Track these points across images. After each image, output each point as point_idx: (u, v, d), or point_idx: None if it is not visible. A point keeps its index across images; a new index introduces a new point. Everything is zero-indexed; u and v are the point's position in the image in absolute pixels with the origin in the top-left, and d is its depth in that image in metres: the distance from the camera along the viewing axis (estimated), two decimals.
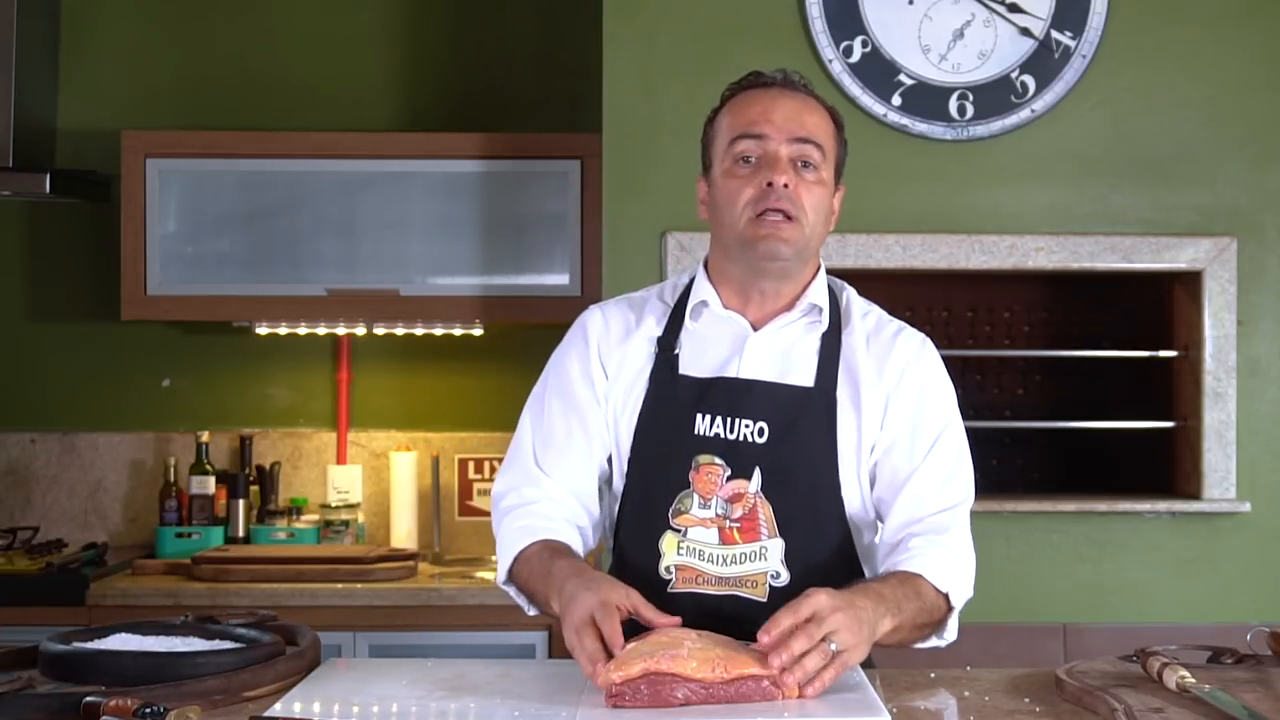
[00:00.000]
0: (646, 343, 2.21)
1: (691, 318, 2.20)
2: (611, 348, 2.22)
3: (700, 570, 2.10)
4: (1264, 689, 1.86)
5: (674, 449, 2.13)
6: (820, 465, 2.12)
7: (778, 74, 2.20)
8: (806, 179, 2.13)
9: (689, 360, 2.18)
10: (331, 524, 4.09)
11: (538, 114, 4.22)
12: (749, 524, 2.10)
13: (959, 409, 2.24)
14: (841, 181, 2.23)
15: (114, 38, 4.25)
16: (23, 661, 1.98)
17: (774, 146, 2.12)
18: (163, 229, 3.92)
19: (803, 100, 2.18)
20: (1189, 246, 3.63)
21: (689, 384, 2.16)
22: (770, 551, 2.10)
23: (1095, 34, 3.60)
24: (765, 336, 2.18)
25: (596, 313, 2.27)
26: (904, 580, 2.04)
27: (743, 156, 2.13)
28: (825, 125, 2.18)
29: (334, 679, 1.95)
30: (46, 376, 4.26)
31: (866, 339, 2.20)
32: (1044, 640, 3.62)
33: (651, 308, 2.24)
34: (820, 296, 2.20)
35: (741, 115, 2.16)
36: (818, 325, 2.19)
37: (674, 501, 2.12)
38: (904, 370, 2.18)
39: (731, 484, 2.11)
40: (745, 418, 2.12)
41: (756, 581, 2.09)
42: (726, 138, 2.16)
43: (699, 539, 2.11)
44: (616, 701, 1.75)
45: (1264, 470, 3.66)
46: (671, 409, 2.14)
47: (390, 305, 3.93)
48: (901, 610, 1.98)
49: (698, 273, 2.24)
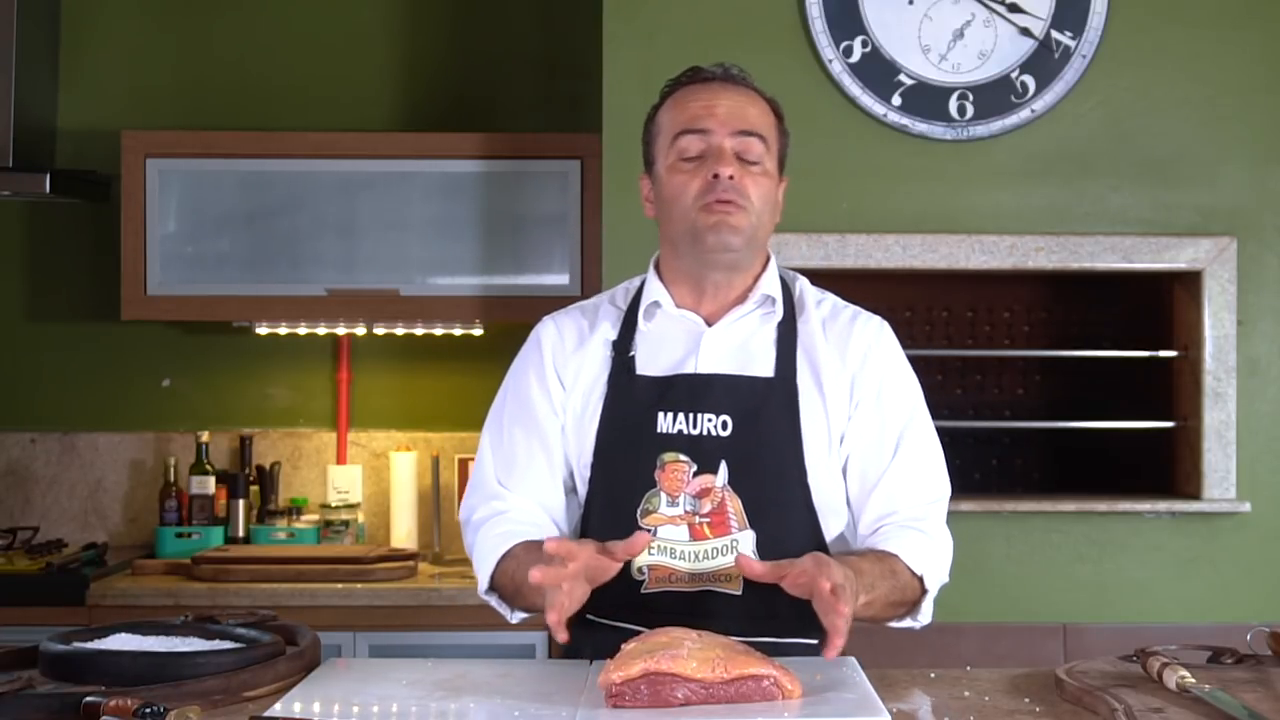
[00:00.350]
0: (602, 347, 2.21)
1: (645, 319, 2.20)
2: (567, 356, 2.22)
3: (673, 568, 2.10)
4: (1264, 689, 1.86)
5: (638, 449, 2.13)
6: (786, 454, 2.12)
7: (717, 68, 2.21)
8: (751, 171, 2.14)
9: (646, 360, 2.18)
10: (331, 524, 4.09)
11: (538, 114, 4.22)
12: (718, 518, 2.10)
13: (936, 399, 2.25)
14: (785, 173, 2.23)
15: (114, 38, 4.25)
16: (23, 661, 1.98)
17: (717, 140, 2.13)
18: (163, 229, 3.92)
19: (744, 93, 2.19)
20: (1189, 246, 3.63)
21: (648, 383, 2.16)
22: (742, 544, 2.10)
23: (1095, 34, 3.61)
24: (720, 331, 2.18)
25: (550, 323, 2.28)
26: (880, 558, 2.07)
27: (686, 154, 2.14)
28: (767, 117, 2.19)
29: (334, 679, 1.95)
30: (46, 376, 4.26)
31: (823, 325, 2.21)
32: (1044, 640, 3.62)
33: (605, 312, 2.25)
34: (773, 287, 2.20)
35: (683, 110, 2.17)
36: (772, 316, 2.19)
37: (641, 501, 2.12)
38: (866, 354, 2.19)
39: (698, 479, 2.11)
40: (707, 412, 2.12)
41: (730, 575, 2.09)
42: (669, 134, 2.17)
43: (669, 537, 2.11)
44: (616, 702, 1.75)
45: (1264, 470, 3.66)
46: (632, 410, 2.14)
47: (390, 305, 3.93)
48: (875, 588, 2.01)
49: (648, 274, 2.24)
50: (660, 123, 2.20)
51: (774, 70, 3.60)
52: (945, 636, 3.56)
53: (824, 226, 3.62)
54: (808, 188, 3.63)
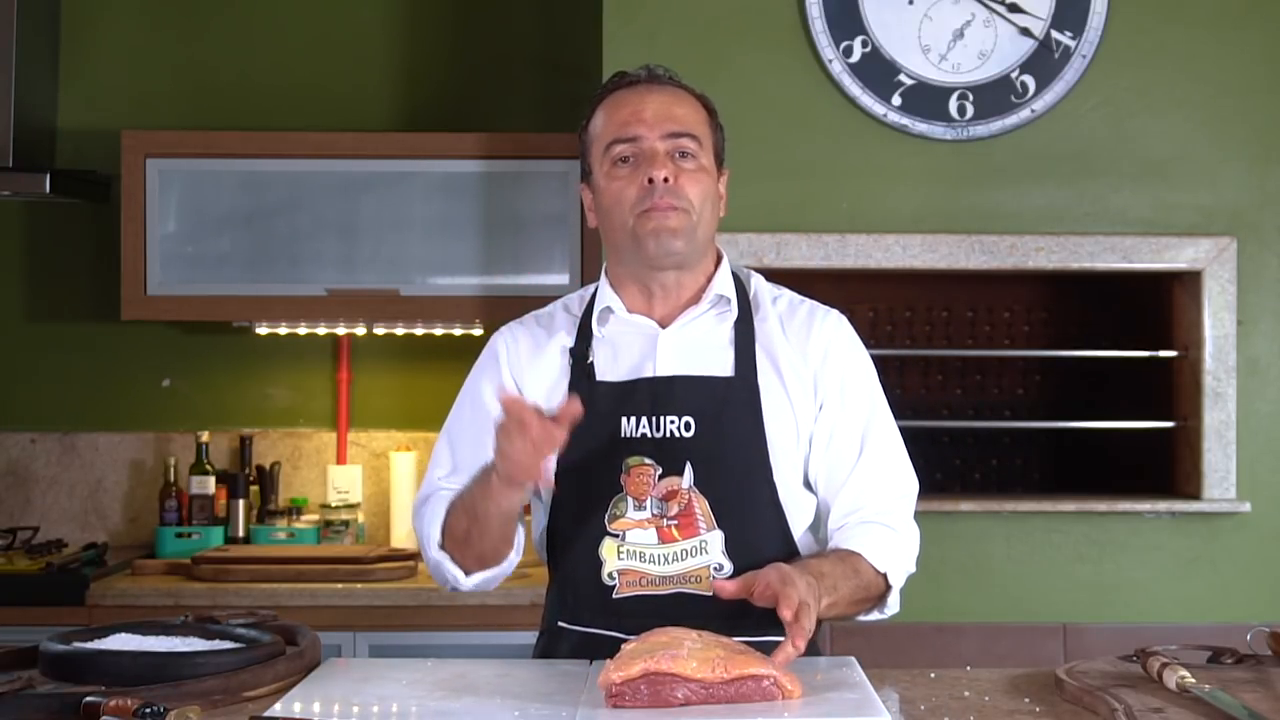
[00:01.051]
0: (559, 355, 2.22)
1: (599, 324, 2.20)
2: (523, 366, 2.23)
3: (643, 572, 2.11)
4: (1264, 689, 1.86)
5: (602, 455, 2.13)
6: (750, 452, 2.13)
7: (641, 70, 2.21)
8: (686, 168, 2.14)
9: (604, 366, 2.19)
10: (331, 524, 4.09)
11: (538, 114, 4.22)
12: (686, 520, 2.11)
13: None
14: (725, 166, 2.23)
15: (114, 38, 4.25)
16: (23, 661, 1.98)
17: (649, 144, 2.13)
18: (163, 229, 3.92)
19: (671, 93, 2.19)
20: (1189, 246, 3.63)
21: (609, 389, 2.16)
22: (711, 544, 2.10)
23: (1095, 34, 3.61)
24: (675, 332, 2.19)
25: (505, 334, 2.28)
26: (842, 559, 2.09)
27: (620, 158, 2.14)
28: (697, 114, 2.19)
29: (334, 679, 1.95)
30: (46, 376, 4.26)
31: (781, 322, 2.21)
32: (1044, 640, 3.62)
33: (560, 320, 2.26)
34: (726, 287, 2.20)
35: (613, 118, 2.17)
36: (728, 315, 2.20)
37: (609, 507, 2.12)
38: (827, 350, 2.20)
39: (664, 482, 2.11)
40: (670, 414, 2.12)
41: (700, 576, 2.10)
42: (602, 144, 2.17)
43: (638, 541, 2.11)
44: (616, 702, 1.75)
45: (1264, 470, 3.66)
46: (595, 416, 2.12)
47: (390, 305, 3.93)
48: (838, 589, 2.03)
49: (601, 280, 2.24)
50: (592, 132, 2.20)
51: (774, 70, 3.64)
52: (945, 636, 3.56)
53: (824, 226, 3.62)
54: (808, 188, 3.64)
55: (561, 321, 2.26)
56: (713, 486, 2.11)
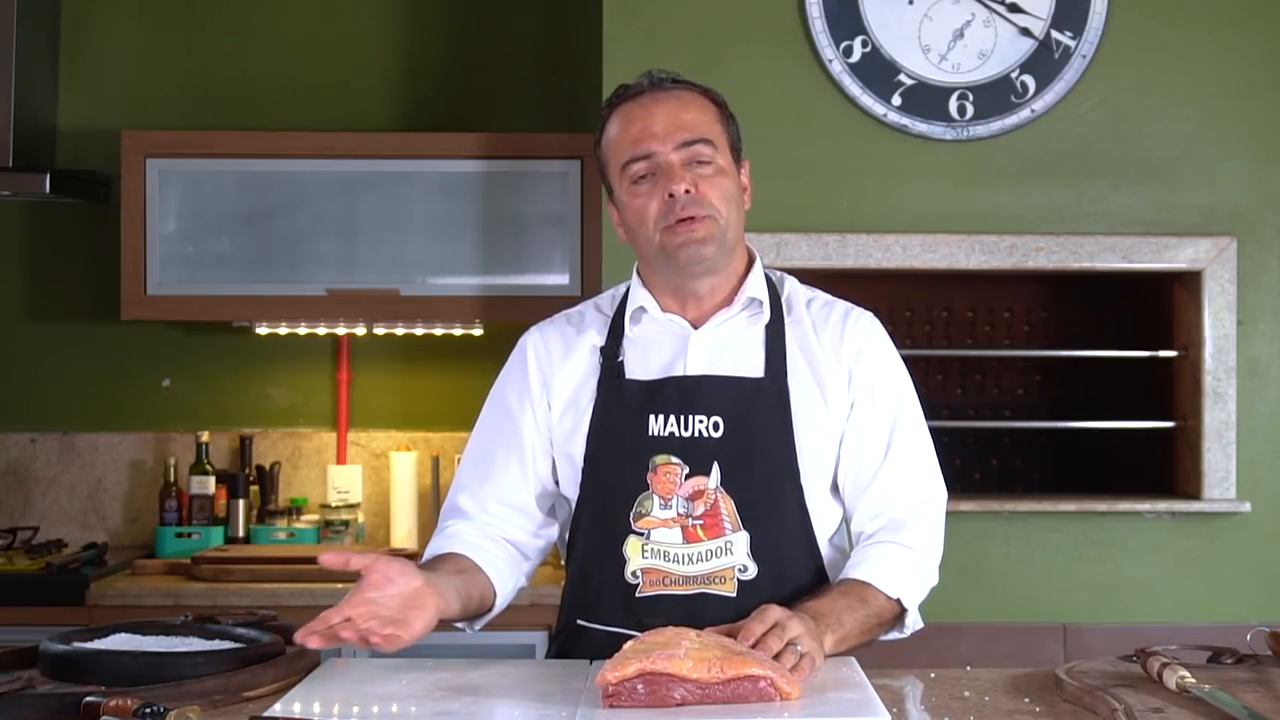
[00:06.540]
0: (590, 354, 2.21)
1: (631, 324, 2.20)
2: (554, 367, 2.23)
3: (667, 571, 2.10)
4: (1264, 689, 1.86)
5: (629, 453, 2.13)
6: (778, 454, 2.12)
7: (644, 79, 2.19)
8: (705, 174, 2.13)
9: (634, 365, 2.18)
10: (331, 524, 4.09)
11: (538, 114, 4.22)
12: (712, 520, 2.10)
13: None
14: (744, 156, 2.22)
15: (114, 38, 4.25)
16: (23, 661, 1.98)
17: (664, 158, 2.12)
18: (163, 229, 3.92)
19: (677, 97, 2.17)
20: (1189, 246, 3.63)
21: (638, 387, 2.16)
22: (736, 545, 2.10)
23: (1095, 34, 3.61)
24: (707, 333, 2.18)
25: (535, 334, 2.28)
26: (847, 591, 2.08)
27: (638, 176, 2.13)
28: (706, 114, 2.17)
29: (334, 679, 1.95)
30: (46, 376, 4.26)
31: (815, 324, 2.21)
32: (1044, 640, 3.62)
33: (591, 319, 2.25)
34: (759, 290, 2.20)
35: (624, 135, 2.15)
36: (759, 317, 2.19)
37: (634, 505, 2.12)
38: (860, 350, 2.19)
39: (691, 481, 2.11)
40: (699, 414, 2.12)
41: (725, 577, 2.10)
42: (618, 163, 2.16)
43: (663, 540, 2.11)
44: (614, 702, 1.75)
45: (1264, 470, 3.66)
46: (623, 414, 2.13)
47: (390, 305, 3.93)
48: (843, 624, 2.02)
49: (633, 280, 2.24)
50: (606, 151, 2.19)
51: (774, 70, 3.64)
52: (945, 636, 3.56)
53: (824, 226, 3.62)
54: (808, 188, 3.64)
55: (592, 320, 2.25)
56: (740, 487, 2.10)
